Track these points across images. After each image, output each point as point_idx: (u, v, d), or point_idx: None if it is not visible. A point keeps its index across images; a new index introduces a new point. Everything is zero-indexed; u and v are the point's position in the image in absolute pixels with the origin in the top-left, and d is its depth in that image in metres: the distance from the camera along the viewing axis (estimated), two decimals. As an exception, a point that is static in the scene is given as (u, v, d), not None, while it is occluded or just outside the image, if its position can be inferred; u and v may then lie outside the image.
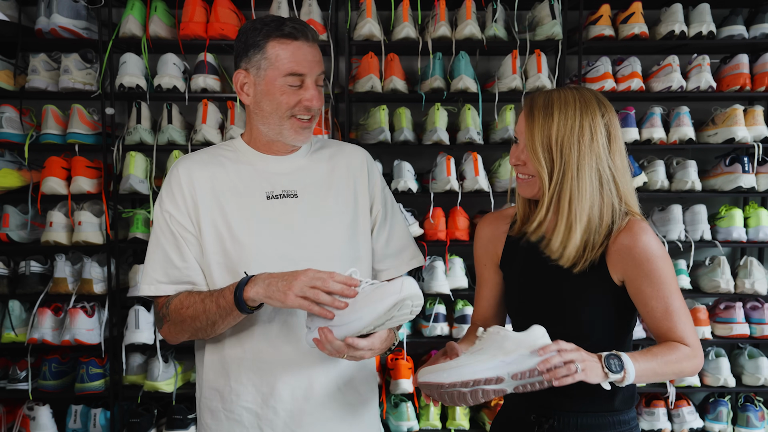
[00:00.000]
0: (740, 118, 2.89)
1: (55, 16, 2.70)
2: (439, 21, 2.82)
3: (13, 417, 2.87)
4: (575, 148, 1.40)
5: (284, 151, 1.60)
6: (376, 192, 1.68)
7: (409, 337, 2.90)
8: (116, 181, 2.85)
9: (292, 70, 1.49)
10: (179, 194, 1.55)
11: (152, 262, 1.56)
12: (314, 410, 1.56)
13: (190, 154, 1.64)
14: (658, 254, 1.42)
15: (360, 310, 1.36)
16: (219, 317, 1.47)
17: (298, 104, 1.51)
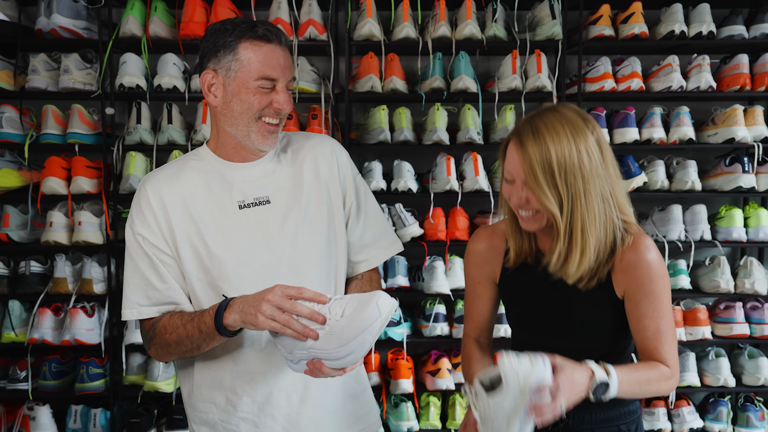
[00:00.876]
0: (740, 118, 2.89)
1: (55, 16, 2.70)
2: (439, 21, 2.82)
3: (13, 417, 2.87)
4: (579, 175, 1.37)
5: (251, 156, 1.56)
6: (347, 183, 1.63)
7: (409, 337, 2.90)
8: (116, 181, 2.85)
9: (265, 74, 1.46)
10: (150, 215, 1.51)
11: (131, 286, 1.53)
12: (312, 411, 1.55)
13: (155, 171, 1.59)
14: (659, 274, 1.44)
15: (348, 345, 1.32)
16: (203, 341, 1.46)
17: (269, 106, 1.49)
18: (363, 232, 1.64)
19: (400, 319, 2.88)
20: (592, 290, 1.46)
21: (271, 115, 1.50)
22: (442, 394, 2.99)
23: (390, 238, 1.71)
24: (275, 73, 1.47)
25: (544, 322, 1.54)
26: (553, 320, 1.52)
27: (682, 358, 2.90)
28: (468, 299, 1.68)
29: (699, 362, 2.96)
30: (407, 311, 3.05)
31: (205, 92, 1.53)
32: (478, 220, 3.03)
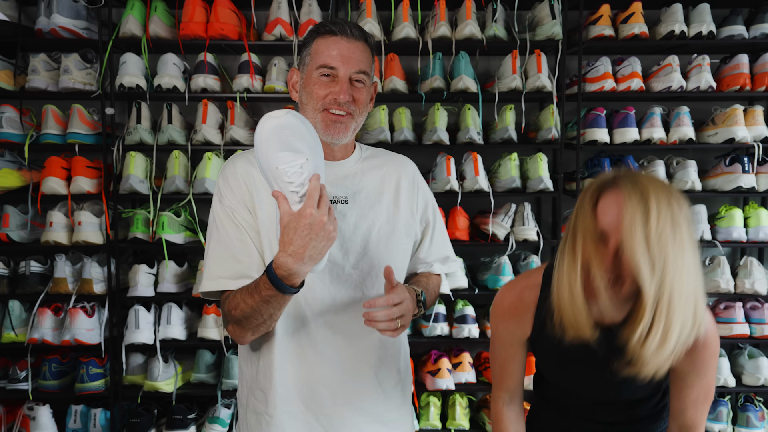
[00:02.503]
0: (740, 118, 2.89)
1: (55, 16, 2.70)
2: (439, 21, 2.82)
3: (13, 417, 2.88)
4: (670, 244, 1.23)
5: (335, 156, 1.60)
6: (424, 203, 1.71)
7: (410, 337, 2.90)
8: (116, 181, 2.85)
9: (323, 63, 1.51)
10: (237, 188, 1.53)
11: (214, 258, 1.53)
12: (353, 416, 1.57)
13: (244, 153, 1.61)
14: (712, 352, 1.38)
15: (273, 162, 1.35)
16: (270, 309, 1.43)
17: (328, 96, 1.52)
18: (434, 249, 1.72)
19: (400, 319, 2.87)
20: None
21: (333, 105, 1.52)
22: (442, 394, 2.99)
23: (452, 258, 1.79)
24: (333, 62, 1.51)
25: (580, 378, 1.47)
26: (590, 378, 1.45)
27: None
28: (498, 359, 1.57)
29: (699, 362, 2.95)
30: (407, 311, 3.05)
31: (290, 89, 1.62)
32: (478, 220, 3.04)
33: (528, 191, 2.92)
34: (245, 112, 2.94)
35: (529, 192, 2.92)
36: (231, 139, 2.86)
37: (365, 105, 1.58)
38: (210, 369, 2.92)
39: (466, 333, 2.86)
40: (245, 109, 2.95)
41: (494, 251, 3.07)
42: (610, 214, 1.26)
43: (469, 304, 2.92)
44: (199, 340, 2.84)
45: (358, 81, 1.54)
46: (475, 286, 2.98)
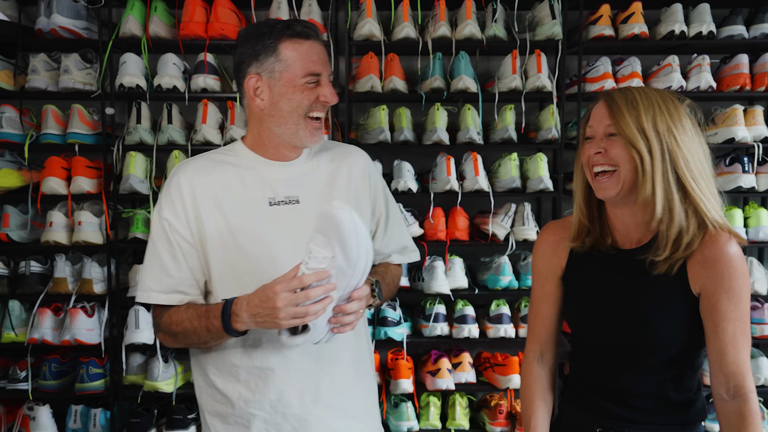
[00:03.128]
0: (740, 118, 2.88)
1: (55, 16, 2.70)
2: (439, 21, 2.82)
3: (13, 417, 2.88)
4: (671, 127, 1.34)
5: (288, 156, 1.60)
6: (379, 194, 1.69)
7: (409, 337, 2.90)
8: (116, 181, 2.85)
9: (310, 70, 1.50)
10: (179, 203, 1.53)
11: (148, 270, 1.56)
12: (321, 413, 1.56)
13: (190, 160, 1.62)
14: (742, 271, 1.35)
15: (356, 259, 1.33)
16: (211, 339, 1.49)
17: (316, 101, 1.52)
18: (389, 241, 1.71)
19: (400, 319, 2.88)
20: (666, 283, 1.37)
21: (319, 110, 1.53)
22: (442, 394, 2.99)
23: (410, 248, 1.77)
24: (319, 68, 1.51)
25: (609, 318, 1.44)
26: (620, 315, 1.42)
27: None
28: (534, 302, 1.59)
29: (699, 362, 2.95)
30: (407, 311, 3.05)
31: (251, 96, 1.55)
32: (478, 220, 3.03)
33: (528, 191, 2.92)
34: (245, 113, 2.93)
35: (529, 192, 2.92)
36: (231, 139, 2.86)
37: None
38: (210, 369, 2.92)
39: (466, 333, 2.86)
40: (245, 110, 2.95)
41: (494, 251, 3.07)
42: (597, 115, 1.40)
43: (469, 304, 2.92)
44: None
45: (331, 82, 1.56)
46: (475, 286, 2.98)
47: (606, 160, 1.37)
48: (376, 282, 1.53)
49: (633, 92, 1.37)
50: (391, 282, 1.69)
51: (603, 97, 1.41)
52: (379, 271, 1.66)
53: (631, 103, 1.35)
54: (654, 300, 1.39)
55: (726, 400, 1.36)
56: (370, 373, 1.70)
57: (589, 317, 1.49)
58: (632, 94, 1.37)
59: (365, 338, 1.71)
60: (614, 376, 1.46)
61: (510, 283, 2.92)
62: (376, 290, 1.52)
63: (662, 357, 1.38)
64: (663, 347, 1.39)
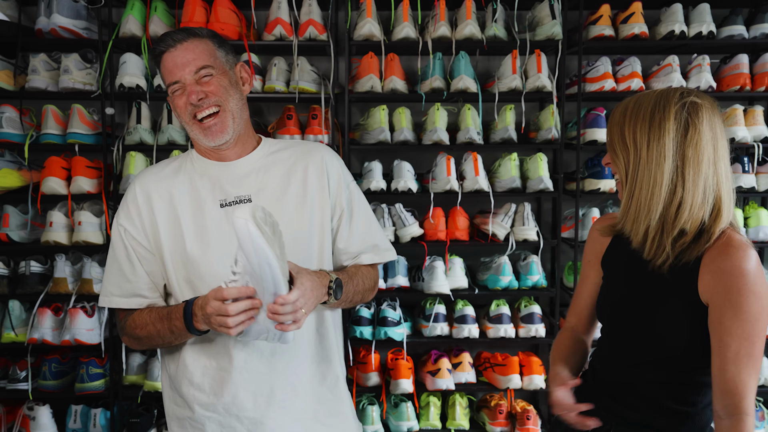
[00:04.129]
0: (740, 118, 2.89)
1: (55, 16, 2.70)
2: (439, 21, 2.82)
3: (13, 417, 2.87)
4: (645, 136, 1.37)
5: (226, 155, 1.61)
6: (339, 191, 1.65)
7: (409, 337, 2.90)
8: (116, 181, 2.85)
9: (167, 82, 1.55)
10: (135, 210, 1.58)
11: (108, 275, 1.62)
12: (277, 416, 1.56)
13: (147, 169, 1.67)
14: (754, 289, 1.30)
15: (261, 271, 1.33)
16: (175, 339, 1.54)
17: (188, 104, 1.54)
18: (354, 239, 1.66)
19: (400, 319, 2.88)
20: (676, 285, 1.37)
21: (197, 110, 1.54)
22: (442, 394, 2.99)
23: (382, 246, 1.71)
24: (173, 76, 1.54)
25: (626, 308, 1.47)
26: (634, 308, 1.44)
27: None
28: (579, 282, 1.68)
29: (699, 362, 2.95)
30: (407, 311, 3.05)
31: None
32: (478, 220, 3.04)
33: (528, 191, 2.92)
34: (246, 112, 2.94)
35: (529, 192, 2.92)
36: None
37: (228, 90, 1.56)
38: (210, 369, 2.92)
39: (466, 333, 2.86)
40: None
41: (494, 251, 3.07)
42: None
43: (469, 304, 2.92)
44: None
45: (204, 76, 1.54)
46: (475, 286, 2.98)
47: (613, 170, 1.47)
48: (335, 280, 1.52)
49: (630, 101, 1.43)
50: (360, 283, 1.65)
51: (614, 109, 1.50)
52: (348, 271, 1.64)
53: (620, 117, 1.43)
54: (661, 297, 1.40)
55: (721, 418, 1.33)
56: (338, 373, 1.67)
57: (606, 301, 1.54)
58: (626, 104, 1.43)
59: (333, 336, 1.67)
60: (616, 368, 1.49)
61: (510, 283, 2.92)
62: (332, 289, 1.51)
63: (663, 359, 1.38)
64: (660, 347, 1.39)
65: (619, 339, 1.49)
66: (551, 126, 2.88)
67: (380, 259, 1.71)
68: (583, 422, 1.44)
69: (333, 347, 1.66)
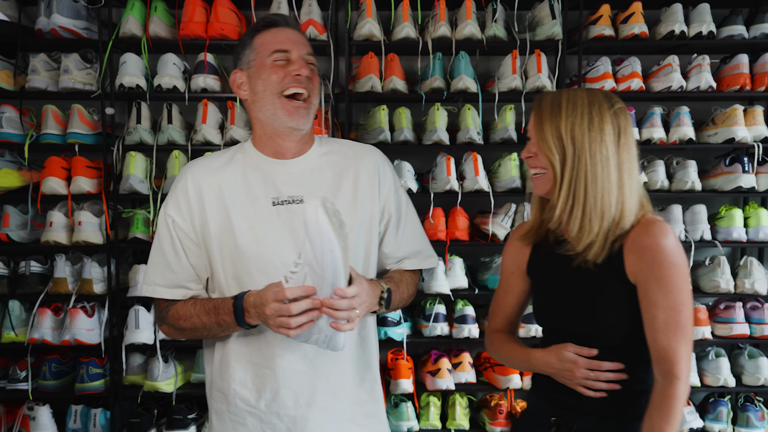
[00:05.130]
0: (740, 118, 2.88)
1: (55, 16, 2.70)
2: (439, 21, 2.82)
3: (13, 417, 2.87)
4: (586, 136, 1.42)
5: (288, 150, 1.60)
6: (389, 196, 1.66)
7: (409, 337, 2.90)
8: (116, 181, 2.85)
9: (276, 48, 1.54)
10: (184, 201, 1.57)
11: (153, 264, 1.61)
12: (317, 416, 1.56)
13: (198, 160, 1.65)
14: (674, 261, 1.38)
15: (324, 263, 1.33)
16: (221, 332, 1.53)
17: (287, 77, 1.54)
18: (399, 244, 1.68)
19: (400, 319, 2.88)
20: (605, 272, 1.44)
21: (293, 85, 1.54)
22: (442, 394, 2.99)
23: (426, 253, 1.75)
24: (285, 45, 1.55)
25: (565, 308, 1.52)
26: (573, 306, 1.50)
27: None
28: (498, 294, 1.70)
29: (699, 362, 2.96)
30: (407, 311, 3.05)
31: (236, 91, 1.61)
32: (478, 220, 3.04)
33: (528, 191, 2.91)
34: (245, 112, 2.94)
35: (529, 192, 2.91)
36: (231, 139, 2.86)
37: (318, 90, 1.60)
38: (210, 369, 2.92)
39: (466, 333, 2.86)
40: (245, 109, 2.95)
41: (494, 251, 3.07)
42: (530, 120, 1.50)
43: (469, 304, 2.92)
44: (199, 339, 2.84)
45: (309, 63, 1.57)
46: (475, 286, 2.98)
47: (536, 163, 1.49)
48: (387, 290, 1.55)
49: (561, 97, 1.46)
50: (405, 290, 1.69)
51: (536, 100, 1.51)
52: (394, 278, 1.65)
53: (554, 111, 1.44)
54: (596, 289, 1.46)
55: (657, 381, 1.41)
56: (376, 375, 1.69)
57: (545, 306, 1.59)
58: (559, 100, 1.46)
59: (373, 340, 1.69)
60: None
61: (510, 283, 2.92)
62: (384, 299, 1.53)
63: (609, 345, 1.43)
64: (608, 335, 1.45)
65: (565, 338, 1.52)
66: (551, 126, 2.88)
67: (423, 265, 1.74)
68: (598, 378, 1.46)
69: (373, 350, 1.68)
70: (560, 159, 1.43)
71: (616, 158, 1.44)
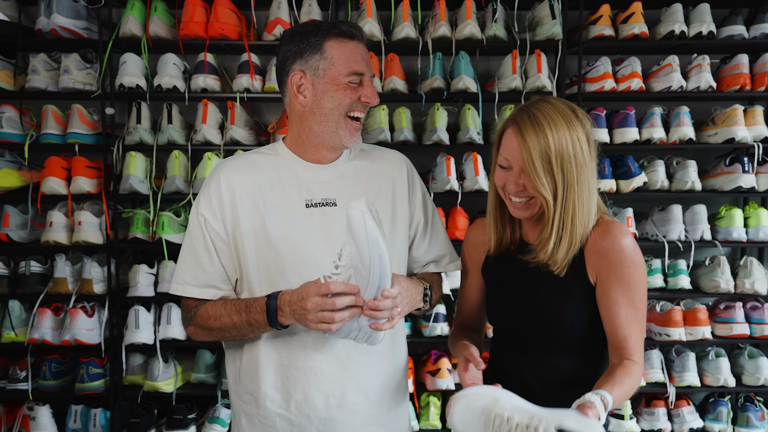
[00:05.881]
0: (740, 118, 2.89)
1: (55, 16, 2.70)
2: (439, 21, 2.82)
3: (13, 417, 2.87)
4: (573, 164, 1.41)
5: (327, 158, 1.61)
6: (417, 201, 1.68)
7: (409, 337, 2.90)
8: (116, 181, 2.85)
9: (354, 69, 1.51)
10: (217, 200, 1.55)
11: (183, 263, 1.59)
12: (347, 418, 1.56)
13: (231, 159, 1.63)
14: (633, 260, 1.44)
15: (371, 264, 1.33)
16: (251, 332, 1.52)
17: (357, 101, 1.53)
18: (428, 248, 1.70)
19: (400, 319, 2.88)
20: (565, 275, 1.47)
21: (359, 110, 1.54)
22: (442, 394, 2.99)
23: (451, 256, 1.76)
24: (362, 68, 1.52)
25: (522, 311, 1.54)
26: (530, 308, 1.52)
27: (682, 358, 2.90)
28: (460, 289, 1.72)
29: (699, 362, 2.96)
30: (407, 311, 3.05)
31: (294, 93, 1.55)
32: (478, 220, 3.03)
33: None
34: (245, 112, 2.94)
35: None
36: (231, 139, 2.86)
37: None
38: (210, 369, 2.92)
39: (466, 333, 2.85)
40: (245, 109, 2.95)
41: (494, 251, 3.06)
42: (508, 148, 1.45)
43: (469, 304, 2.91)
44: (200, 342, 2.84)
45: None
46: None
47: (523, 194, 1.46)
48: (429, 287, 1.57)
49: (542, 123, 1.40)
50: (439, 290, 1.72)
51: (512, 125, 1.45)
52: (427, 278, 1.68)
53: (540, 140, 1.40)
54: (554, 290, 1.49)
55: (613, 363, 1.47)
56: (403, 382, 1.70)
57: (500, 308, 1.60)
58: (541, 126, 1.40)
59: (402, 342, 1.71)
60: (526, 365, 1.54)
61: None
62: (429, 295, 1.56)
63: (567, 344, 1.46)
64: (566, 334, 1.48)
65: (518, 337, 1.54)
66: (551, 126, 2.88)
67: (448, 269, 1.76)
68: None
69: (402, 352, 1.70)
70: (552, 192, 1.42)
71: (594, 170, 1.46)
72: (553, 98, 1.49)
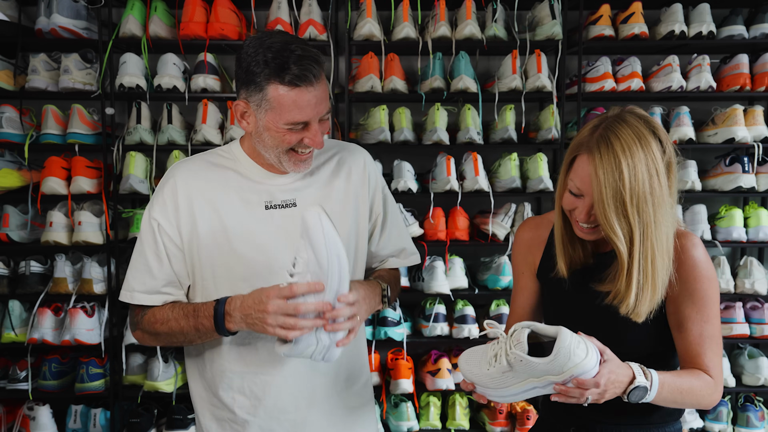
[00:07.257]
0: (740, 118, 2.89)
1: (55, 16, 2.70)
2: (439, 21, 2.82)
3: (13, 417, 2.88)
4: (650, 203, 1.28)
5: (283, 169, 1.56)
6: (376, 194, 1.65)
7: (409, 337, 2.90)
8: (116, 181, 2.85)
9: (294, 120, 1.42)
10: (172, 204, 1.50)
11: (133, 269, 1.54)
12: (318, 418, 1.56)
13: (186, 161, 1.58)
14: (706, 274, 1.36)
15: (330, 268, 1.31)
16: (198, 338, 1.48)
17: (300, 142, 1.46)
18: (386, 242, 1.67)
19: (400, 319, 2.88)
20: None
21: (303, 148, 1.48)
22: (442, 394, 2.99)
23: (409, 250, 1.72)
24: (304, 116, 1.43)
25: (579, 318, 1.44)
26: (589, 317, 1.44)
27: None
28: (513, 292, 1.63)
29: (699, 362, 2.95)
30: (407, 311, 3.05)
31: (238, 119, 1.49)
32: (477, 220, 3.04)
33: (528, 191, 2.92)
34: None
35: (529, 192, 2.92)
36: (231, 139, 2.85)
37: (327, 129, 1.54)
38: (210, 369, 2.92)
39: (466, 333, 2.86)
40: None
41: (494, 251, 3.07)
42: (581, 176, 1.32)
43: (469, 304, 2.92)
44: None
45: (322, 120, 1.48)
46: (475, 286, 2.98)
47: (593, 222, 1.35)
48: (386, 287, 1.54)
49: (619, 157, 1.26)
50: (396, 288, 1.69)
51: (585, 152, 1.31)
52: (384, 276, 1.65)
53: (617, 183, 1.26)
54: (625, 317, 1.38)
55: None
56: (365, 368, 1.69)
57: (561, 315, 1.51)
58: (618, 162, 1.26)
59: (363, 336, 1.70)
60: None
61: (510, 283, 2.92)
62: (387, 296, 1.53)
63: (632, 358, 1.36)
64: (631, 349, 1.39)
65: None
66: (551, 126, 2.88)
67: (406, 263, 1.72)
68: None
69: (364, 344, 1.69)
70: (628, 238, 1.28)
71: (673, 204, 1.32)
72: (631, 114, 1.33)
